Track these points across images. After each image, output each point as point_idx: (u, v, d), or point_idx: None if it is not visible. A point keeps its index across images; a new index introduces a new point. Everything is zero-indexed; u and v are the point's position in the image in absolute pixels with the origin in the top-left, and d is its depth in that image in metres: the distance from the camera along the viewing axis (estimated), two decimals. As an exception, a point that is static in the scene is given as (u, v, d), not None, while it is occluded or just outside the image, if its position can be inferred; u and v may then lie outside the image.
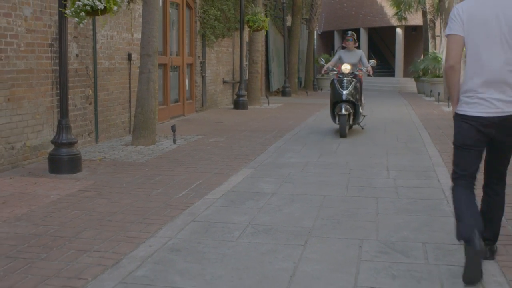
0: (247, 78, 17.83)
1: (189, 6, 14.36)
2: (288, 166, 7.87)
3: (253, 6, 16.41)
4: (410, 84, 30.02)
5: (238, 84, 16.78)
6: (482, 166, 4.18)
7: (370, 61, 11.21)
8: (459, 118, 4.06)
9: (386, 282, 3.85)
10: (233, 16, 16.68)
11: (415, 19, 31.87)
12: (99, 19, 8.05)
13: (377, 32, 39.42)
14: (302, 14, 27.31)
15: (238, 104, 16.25)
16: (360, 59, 11.15)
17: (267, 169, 7.67)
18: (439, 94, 19.85)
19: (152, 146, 9.46)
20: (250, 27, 16.12)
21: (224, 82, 17.20)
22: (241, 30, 16.24)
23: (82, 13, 6.93)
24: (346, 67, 10.73)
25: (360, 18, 37.22)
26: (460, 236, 3.87)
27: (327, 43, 41.70)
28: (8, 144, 7.45)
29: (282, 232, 4.95)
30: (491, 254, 4.24)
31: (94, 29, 9.43)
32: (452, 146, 4.18)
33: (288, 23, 24.65)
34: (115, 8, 7.10)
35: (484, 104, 3.92)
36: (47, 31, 8.18)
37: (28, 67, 7.83)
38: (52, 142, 7.45)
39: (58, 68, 7.77)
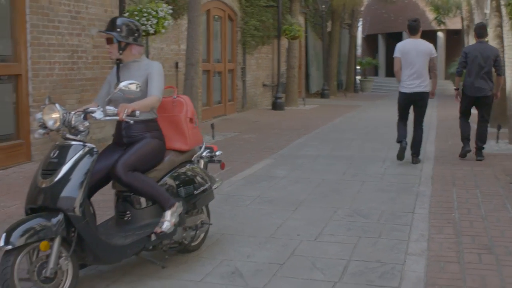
0: (285, 81, 19.58)
1: (230, 18, 16.23)
2: (303, 158, 9.61)
3: (290, 17, 18.15)
4: (452, 86, 31.24)
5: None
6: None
7: None
8: None
9: (341, 232, 5.57)
10: (272, 26, 18.45)
11: (457, 23, 33.04)
12: (151, 38, 9.94)
13: (421, 36, 40.56)
14: (343, 19, 28.98)
15: (275, 105, 18.05)
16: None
17: (285, 159, 9.43)
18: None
19: (194, 141, 11.31)
20: (286, 36, 17.88)
21: (264, 85, 19.02)
22: (279, 38, 18.03)
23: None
24: None
25: (403, 22, 38.47)
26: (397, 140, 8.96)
27: (372, 46, 43.15)
28: (78, 137, 9.43)
29: (281, 202, 6.71)
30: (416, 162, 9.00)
31: (147, 43, 11.33)
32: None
33: (329, 29, 26.34)
34: (163, 30, 8.98)
35: None
36: (110, 46, 10.12)
37: (94, 75, 9.78)
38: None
39: (118, 76, 9.71)
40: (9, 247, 3.61)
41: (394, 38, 33.93)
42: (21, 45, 8.24)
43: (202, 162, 5.19)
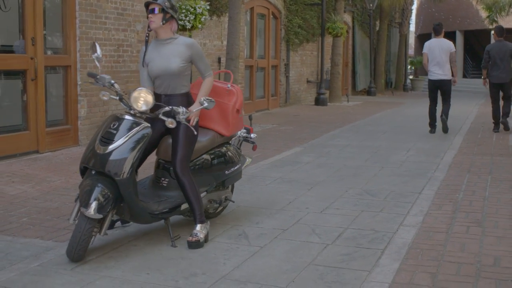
0: (329, 78, 20.06)
1: (275, 16, 16.85)
2: (331, 147, 10.15)
3: (333, 15, 18.64)
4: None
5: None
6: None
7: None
8: None
9: (347, 207, 6.12)
10: (316, 24, 18.97)
11: (510, 22, 32.76)
12: (188, 32, 10.62)
13: (475, 35, 40.36)
14: (394, 18, 29.22)
15: (318, 101, 18.56)
16: None
17: (313, 148, 9.99)
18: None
19: (233, 131, 11.96)
20: (330, 33, 18.37)
21: (308, 81, 19.55)
22: (322, 36, 18.52)
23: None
24: None
25: (456, 21, 38.35)
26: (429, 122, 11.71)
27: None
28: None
29: (300, 182, 7.28)
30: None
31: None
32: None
33: (378, 28, 26.67)
34: (200, 26, 9.67)
35: None
36: (153, 41, 10.87)
37: (138, 68, 10.52)
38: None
39: (160, 69, 10.46)
40: (100, 216, 4.35)
41: (446, 37, 34.03)
42: (71, 39, 9.05)
43: (236, 140, 5.77)
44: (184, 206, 4.97)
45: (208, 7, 10.12)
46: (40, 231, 5.23)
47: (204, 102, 4.84)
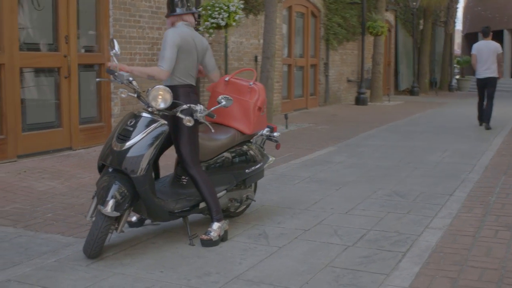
0: (370, 77, 19.83)
1: (314, 15, 16.72)
2: (366, 146, 10.00)
3: (374, 13, 18.41)
4: None
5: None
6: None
7: None
8: None
9: (374, 208, 5.99)
10: (357, 23, 18.75)
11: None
12: (224, 31, 10.62)
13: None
14: (439, 17, 28.72)
15: (358, 101, 18.37)
16: None
17: (347, 148, 9.85)
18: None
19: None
20: (370, 33, 18.15)
21: (348, 81, 19.35)
22: (363, 35, 18.33)
23: (211, 30, 9.56)
24: None
25: (503, 20, 37.49)
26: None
27: (472, 45, 42.16)
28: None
29: (328, 182, 7.18)
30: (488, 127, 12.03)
31: (226, 37, 12.02)
32: None
33: (422, 27, 26.26)
34: (234, 23, 9.64)
35: None
36: (189, 39, 10.88)
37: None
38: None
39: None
40: (117, 214, 4.36)
41: (494, 36, 33.30)
42: (105, 37, 9.11)
43: (260, 138, 5.70)
44: (203, 204, 4.94)
45: (242, 6, 10.08)
46: (63, 227, 5.26)
47: (222, 100, 4.80)
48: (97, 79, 5.23)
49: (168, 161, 5.84)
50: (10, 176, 7.04)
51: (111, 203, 4.30)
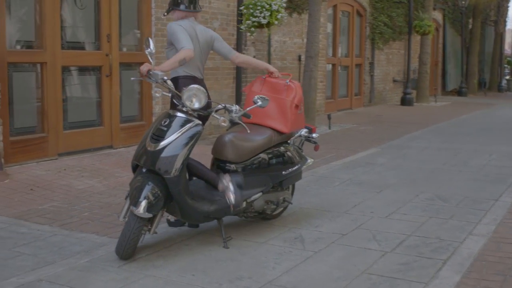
0: (416, 78, 19.47)
1: (359, 14, 16.49)
2: (410, 148, 9.77)
3: (421, 12, 18.06)
4: None
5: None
6: None
7: None
8: None
9: (415, 212, 5.81)
10: (403, 22, 18.42)
11: None
12: (267, 30, 10.49)
13: None
14: (489, 16, 28.07)
15: (404, 101, 18.05)
16: None
17: (390, 149, 9.65)
18: None
19: (310, 130, 11.75)
20: (417, 32, 17.82)
21: (394, 81, 19.03)
22: (409, 34, 18.02)
23: (252, 28, 9.47)
24: None
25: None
26: None
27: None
28: (198, 122, 10.22)
29: (369, 185, 7.01)
30: None
31: (269, 36, 11.92)
32: None
33: (471, 26, 25.69)
34: (276, 22, 9.53)
35: None
36: (231, 38, 10.82)
37: (215, 65, 10.51)
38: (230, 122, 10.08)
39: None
40: (150, 215, 4.30)
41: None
42: (146, 36, 9.10)
43: (298, 139, 5.59)
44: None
45: (284, 4, 9.95)
46: (98, 226, 5.24)
47: (258, 100, 4.70)
48: (132, 78, 5.20)
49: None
50: (50, 174, 7.08)
51: (143, 204, 4.24)
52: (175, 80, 4.98)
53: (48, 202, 6.01)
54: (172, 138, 4.43)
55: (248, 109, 4.77)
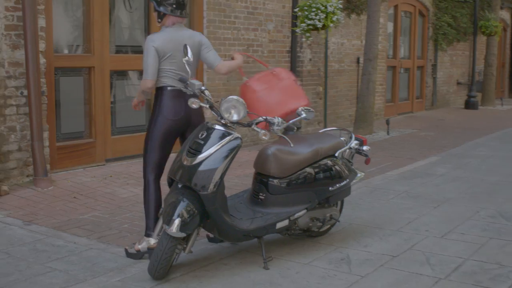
0: (482, 80, 18.71)
1: (421, 14, 15.91)
2: (472, 157, 9.25)
3: (487, 12, 17.33)
4: None
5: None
6: None
7: None
8: None
9: (474, 232, 5.38)
10: (468, 22, 17.72)
11: None
12: (323, 32, 10.15)
13: None
14: None
15: (468, 105, 17.36)
16: None
17: (451, 158, 9.16)
18: None
19: (367, 136, 11.32)
20: (483, 32, 17.10)
21: (458, 83, 18.34)
22: (475, 35, 17.32)
23: (307, 34, 9.16)
24: None
25: None
26: None
27: None
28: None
29: (426, 198, 6.60)
30: None
31: (326, 38, 11.55)
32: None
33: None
34: (331, 25, 9.17)
35: None
36: (286, 41, 10.52)
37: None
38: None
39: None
40: (183, 234, 4.04)
41: None
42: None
43: (347, 152, 5.23)
44: (280, 224, 4.55)
45: (340, 6, 9.58)
46: (136, 240, 5.03)
47: (302, 112, 4.40)
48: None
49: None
50: (95, 181, 6.95)
51: (177, 222, 4.00)
52: (160, 90, 4.64)
53: (90, 211, 5.86)
54: (210, 152, 4.16)
55: (291, 121, 4.46)
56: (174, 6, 4.61)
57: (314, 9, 9.23)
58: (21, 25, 6.44)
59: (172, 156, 4.60)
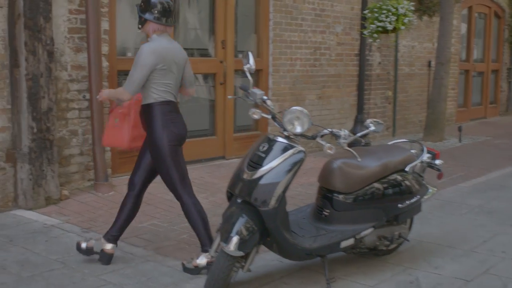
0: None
1: (497, 15, 15.25)
2: (552, 169, 8.73)
3: None
4: None
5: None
6: None
7: None
8: None
9: (556, 254, 4.97)
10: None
11: None
12: (394, 35, 9.79)
13: None
14: None
15: (546, 110, 16.58)
16: None
17: (529, 169, 8.66)
18: None
19: (438, 143, 10.86)
20: None
21: (535, 88, 17.53)
22: (555, 37, 16.49)
23: (375, 34, 8.81)
24: None
25: None
26: None
27: None
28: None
29: (502, 214, 6.18)
30: None
31: (396, 40, 11.16)
32: None
33: None
34: (403, 27, 8.80)
35: None
36: (354, 43, 10.19)
37: (337, 72, 9.94)
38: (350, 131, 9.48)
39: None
40: (241, 253, 3.83)
41: None
42: (264, 41, 8.71)
43: (419, 166, 4.92)
44: (345, 243, 4.27)
45: (412, 8, 9.18)
46: (194, 253, 4.84)
47: (370, 125, 4.11)
48: (229, 97, 4.79)
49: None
50: (158, 187, 6.75)
51: (235, 240, 3.78)
52: (147, 107, 4.36)
53: (149, 219, 5.73)
54: (272, 166, 3.93)
55: (358, 134, 4.18)
56: (159, 13, 4.37)
57: (384, 11, 8.87)
58: (84, 28, 6.38)
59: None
